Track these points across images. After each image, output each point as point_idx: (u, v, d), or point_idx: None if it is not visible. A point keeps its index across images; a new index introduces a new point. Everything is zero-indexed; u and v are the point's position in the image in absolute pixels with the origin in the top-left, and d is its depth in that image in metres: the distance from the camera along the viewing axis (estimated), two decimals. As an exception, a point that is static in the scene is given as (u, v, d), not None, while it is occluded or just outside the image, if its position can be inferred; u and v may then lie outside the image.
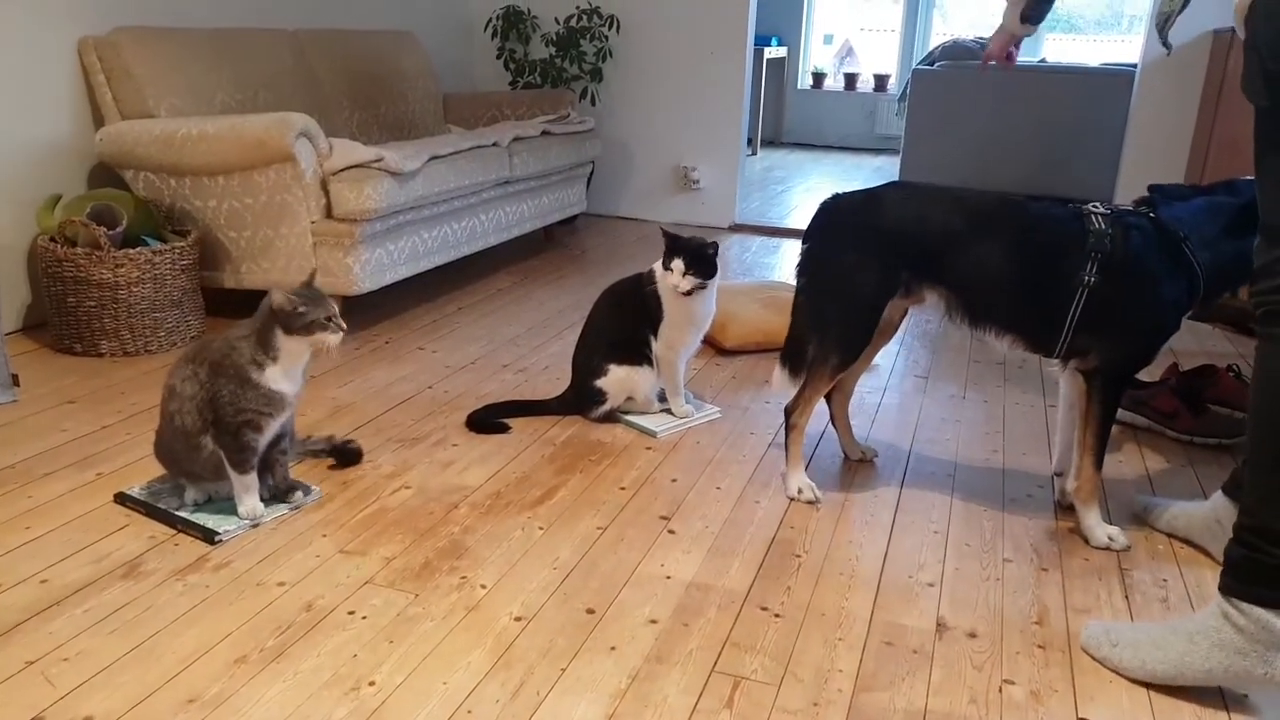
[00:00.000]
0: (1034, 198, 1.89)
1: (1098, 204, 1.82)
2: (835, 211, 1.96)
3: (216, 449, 1.77)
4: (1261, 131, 1.37)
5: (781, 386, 2.05)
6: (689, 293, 2.19)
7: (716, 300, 2.36)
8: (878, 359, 2.63)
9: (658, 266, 2.31)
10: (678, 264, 2.18)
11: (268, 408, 1.75)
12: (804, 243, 1.99)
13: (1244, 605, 1.37)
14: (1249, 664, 1.37)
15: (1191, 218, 1.77)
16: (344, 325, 1.78)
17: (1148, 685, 1.46)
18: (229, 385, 1.73)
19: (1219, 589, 1.42)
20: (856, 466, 2.18)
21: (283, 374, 1.75)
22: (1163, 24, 1.72)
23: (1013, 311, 1.83)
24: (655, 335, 2.31)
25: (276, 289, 1.72)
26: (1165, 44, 1.71)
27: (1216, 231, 1.76)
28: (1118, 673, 1.49)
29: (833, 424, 2.24)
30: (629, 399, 2.35)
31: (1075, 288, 1.76)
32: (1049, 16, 2.13)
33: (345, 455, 2.09)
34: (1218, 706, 1.42)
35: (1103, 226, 1.76)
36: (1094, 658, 1.52)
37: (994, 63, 2.28)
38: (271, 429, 1.79)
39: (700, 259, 2.18)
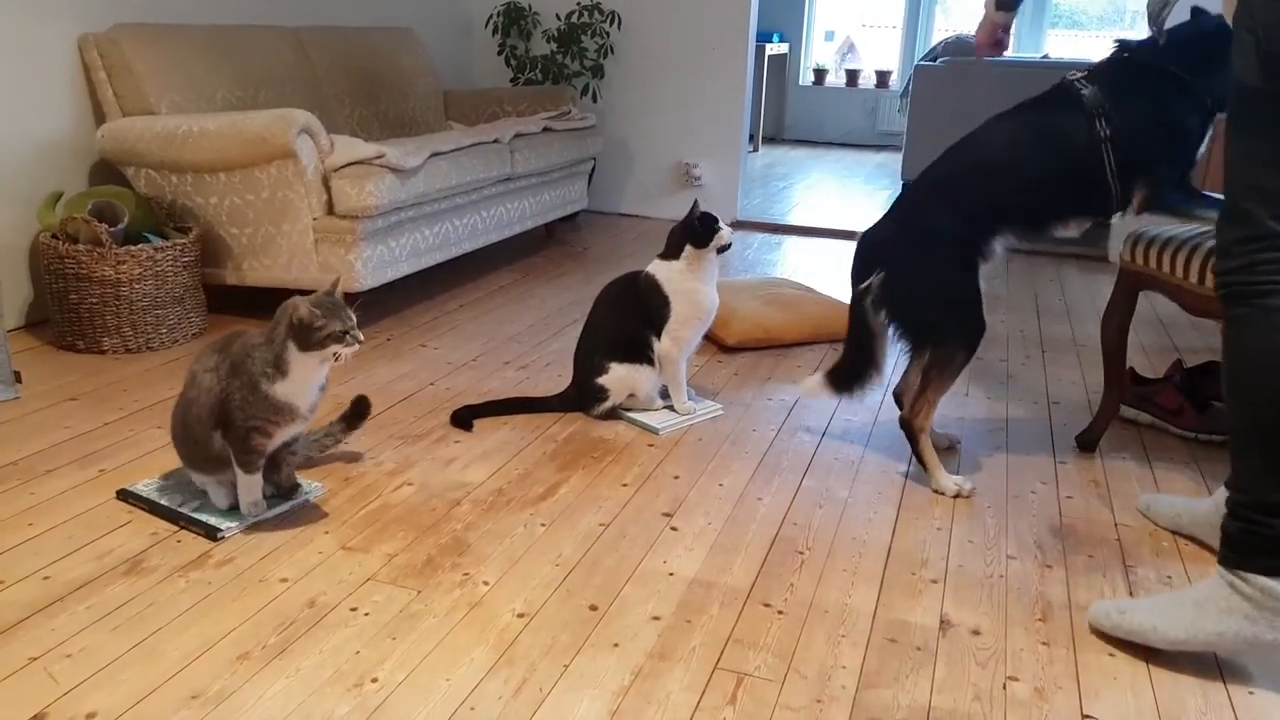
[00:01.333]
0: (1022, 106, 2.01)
1: (1074, 72, 1.96)
2: (887, 241, 2.03)
3: (226, 444, 1.76)
4: (1240, 112, 1.39)
5: (814, 394, 2.14)
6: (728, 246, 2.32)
7: (719, 296, 2.36)
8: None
9: (656, 267, 2.31)
10: (724, 226, 2.29)
11: (276, 417, 1.73)
12: (882, 270, 2.00)
13: (1248, 575, 1.40)
14: (1258, 630, 1.40)
15: (1164, 50, 1.90)
16: (361, 338, 1.74)
17: (1150, 669, 1.46)
18: (241, 390, 1.72)
19: (1219, 562, 1.45)
20: (859, 466, 2.18)
21: (293, 389, 1.72)
22: (1158, 10, 1.79)
23: (1064, 199, 1.96)
24: (656, 335, 2.31)
25: (300, 300, 1.68)
26: (1157, 32, 1.81)
27: (1197, 53, 1.89)
28: (1129, 639, 1.50)
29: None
30: (631, 396, 2.35)
31: (1099, 147, 1.89)
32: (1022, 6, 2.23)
33: (356, 411, 2.09)
34: (1223, 699, 1.42)
35: (1091, 88, 1.91)
36: (1104, 630, 1.53)
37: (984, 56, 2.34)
38: (280, 437, 1.78)
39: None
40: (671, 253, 2.30)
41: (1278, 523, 1.37)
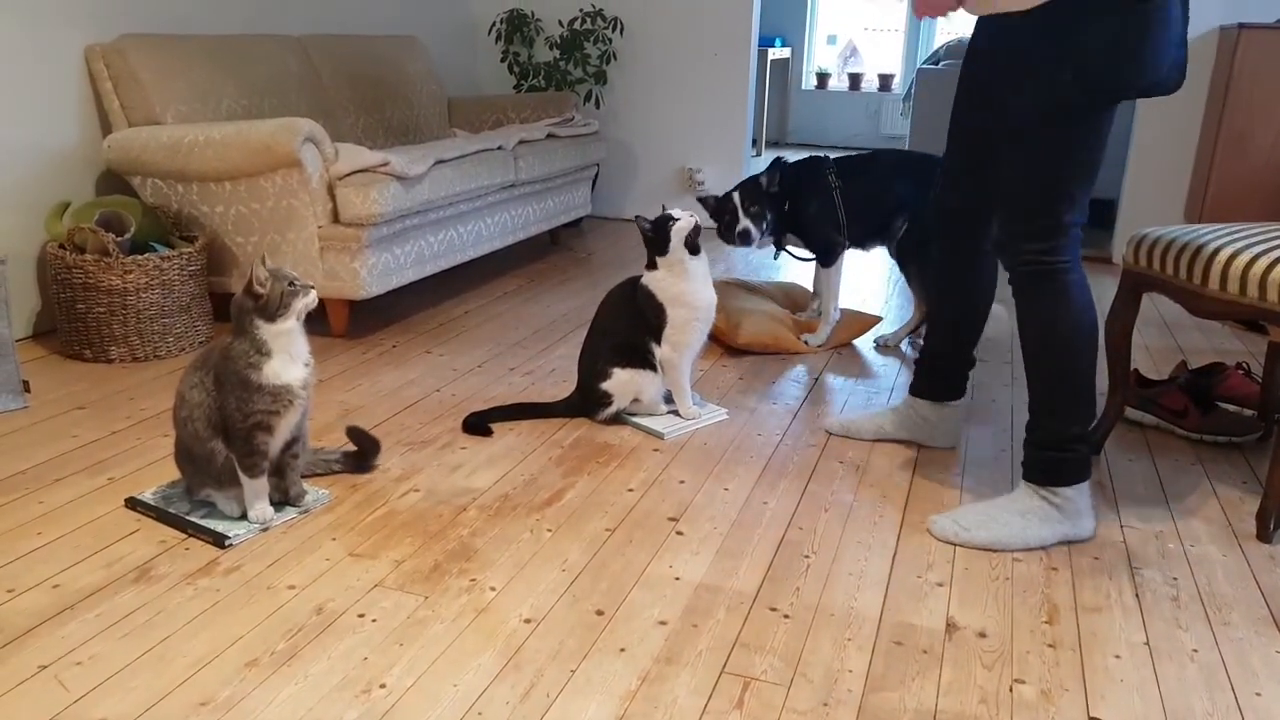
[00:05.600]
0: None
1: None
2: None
3: (229, 454, 1.78)
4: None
5: None
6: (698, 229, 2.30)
7: (722, 300, 2.37)
8: (876, 349, 2.61)
9: (647, 279, 2.32)
10: (679, 213, 2.31)
11: (275, 405, 1.75)
12: None
13: (1058, 489, 1.83)
14: (1064, 528, 1.84)
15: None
16: (310, 284, 1.79)
17: (1156, 671, 1.46)
18: (234, 392, 1.74)
19: (1027, 479, 1.86)
20: (864, 469, 2.18)
21: (282, 365, 1.76)
22: None
23: None
24: (657, 342, 2.31)
25: (239, 289, 1.76)
26: None
27: None
28: (970, 546, 1.82)
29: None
30: (635, 401, 2.35)
31: None
32: None
33: (361, 449, 2.09)
34: (1230, 701, 1.42)
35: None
36: (951, 543, 1.84)
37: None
38: (283, 429, 1.79)
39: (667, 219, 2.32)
40: (650, 265, 2.32)
41: (1077, 447, 1.81)
